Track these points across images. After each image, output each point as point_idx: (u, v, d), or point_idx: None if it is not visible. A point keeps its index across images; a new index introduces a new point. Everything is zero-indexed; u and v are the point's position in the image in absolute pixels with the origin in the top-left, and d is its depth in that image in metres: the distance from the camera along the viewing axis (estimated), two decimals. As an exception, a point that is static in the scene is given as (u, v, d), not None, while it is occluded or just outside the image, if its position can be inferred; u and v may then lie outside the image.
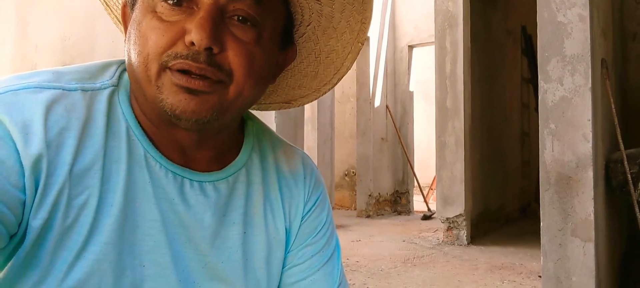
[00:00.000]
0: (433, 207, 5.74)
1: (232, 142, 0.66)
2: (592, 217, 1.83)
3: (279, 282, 0.70)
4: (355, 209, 6.92)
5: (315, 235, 0.71)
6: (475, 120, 5.07)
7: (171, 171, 0.58)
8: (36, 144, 0.49)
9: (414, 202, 7.58)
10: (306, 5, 0.61)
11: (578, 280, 1.86)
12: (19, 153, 0.48)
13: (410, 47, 7.10)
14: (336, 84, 0.74)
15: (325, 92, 0.75)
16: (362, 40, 0.66)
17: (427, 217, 6.59)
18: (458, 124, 4.75)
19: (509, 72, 6.21)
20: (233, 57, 0.54)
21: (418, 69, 7.91)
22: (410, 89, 7.23)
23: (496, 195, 5.81)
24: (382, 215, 6.99)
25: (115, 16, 0.70)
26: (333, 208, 6.11)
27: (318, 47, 0.68)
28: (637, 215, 1.96)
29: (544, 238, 1.93)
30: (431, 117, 5.06)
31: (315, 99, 0.78)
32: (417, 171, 7.77)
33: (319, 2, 0.60)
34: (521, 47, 6.33)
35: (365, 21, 0.64)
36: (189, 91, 0.53)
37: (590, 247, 1.83)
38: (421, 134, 9.60)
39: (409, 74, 7.12)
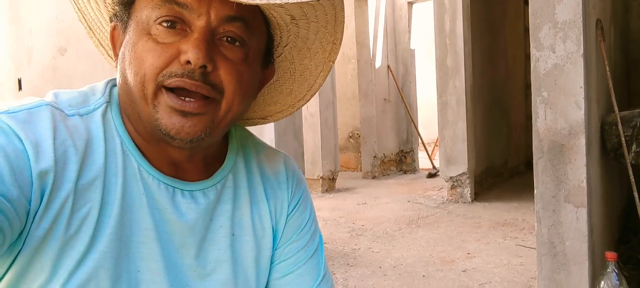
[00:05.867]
0: (438, 164, 5.78)
1: (218, 150, 0.70)
2: (584, 183, 1.84)
3: (267, 277, 0.74)
4: (361, 171, 6.98)
5: (299, 232, 0.76)
6: (477, 76, 5.01)
7: (163, 183, 0.63)
8: (46, 161, 0.53)
9: (420, 159, 7.62)
10: (285, 28, 0.66)
11: (571, 244, 1.90)
12: (31, 168, 0.53)
13: (410, 4, 6.95)
14: (309, 99, 0.78)
15: (299, 108, 0.80)
16: (333, 59, 0.71)
17: (432, 175, 6.64)
18: (459, 83, 4.71)
19: (511, 24, 6.07)
20: (224, 75, 0.58)
21: (420, 25, 7.76)
22: (411, 47, 7.13)
23: (500, 151, 5.81)
24: (388, 175, 7.05)
25: (97, 39, 0.73)
26: (339, 171, 6.18)
27: (293, 66, 0.72)
28: (631, 178, 1.98)
29: (537, 205, 1.96)
30: (435, 73, 5.01)
31: (290, 114, 0.81)
32: (422, 127, 7.77)
33: (297, 25, 0.65)
34: (524, -3, 6.17)
35: (336, 42, 0.68)
36: (183, 114, 0.57)
37: (583, 212, 1.86)
38: (426, 90, 9.52)
39: (409, 31, 7.00)
